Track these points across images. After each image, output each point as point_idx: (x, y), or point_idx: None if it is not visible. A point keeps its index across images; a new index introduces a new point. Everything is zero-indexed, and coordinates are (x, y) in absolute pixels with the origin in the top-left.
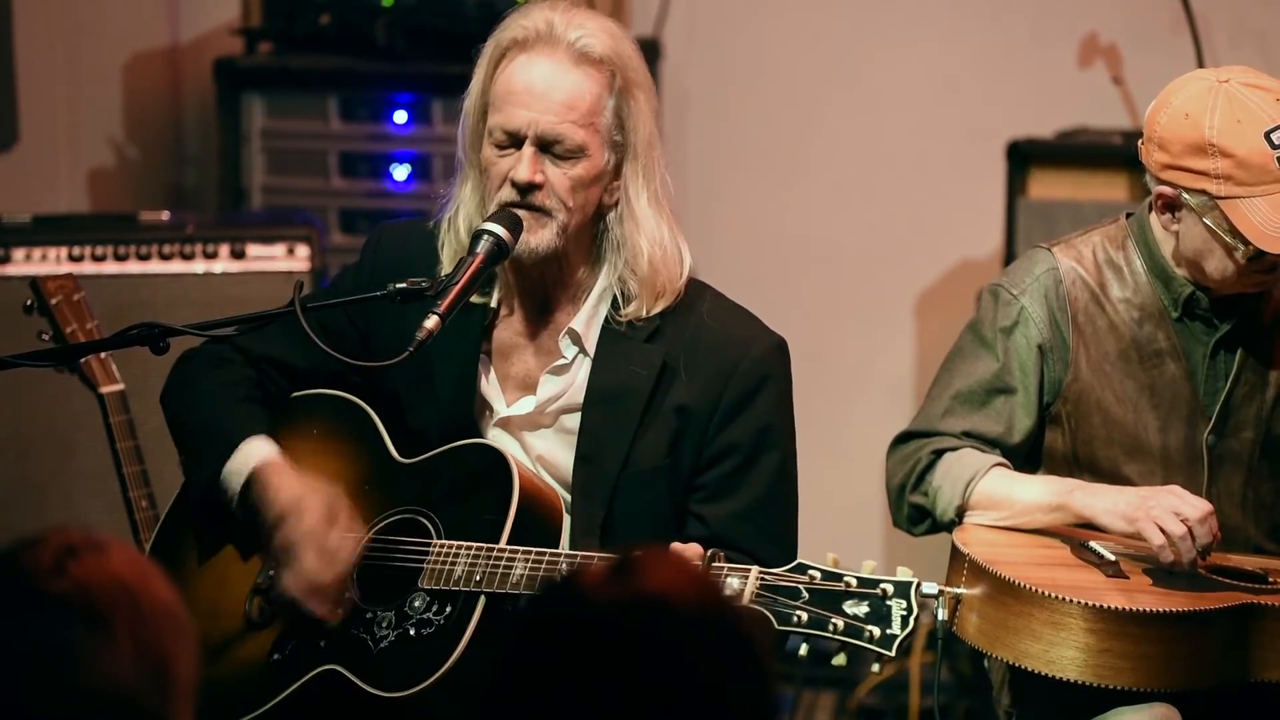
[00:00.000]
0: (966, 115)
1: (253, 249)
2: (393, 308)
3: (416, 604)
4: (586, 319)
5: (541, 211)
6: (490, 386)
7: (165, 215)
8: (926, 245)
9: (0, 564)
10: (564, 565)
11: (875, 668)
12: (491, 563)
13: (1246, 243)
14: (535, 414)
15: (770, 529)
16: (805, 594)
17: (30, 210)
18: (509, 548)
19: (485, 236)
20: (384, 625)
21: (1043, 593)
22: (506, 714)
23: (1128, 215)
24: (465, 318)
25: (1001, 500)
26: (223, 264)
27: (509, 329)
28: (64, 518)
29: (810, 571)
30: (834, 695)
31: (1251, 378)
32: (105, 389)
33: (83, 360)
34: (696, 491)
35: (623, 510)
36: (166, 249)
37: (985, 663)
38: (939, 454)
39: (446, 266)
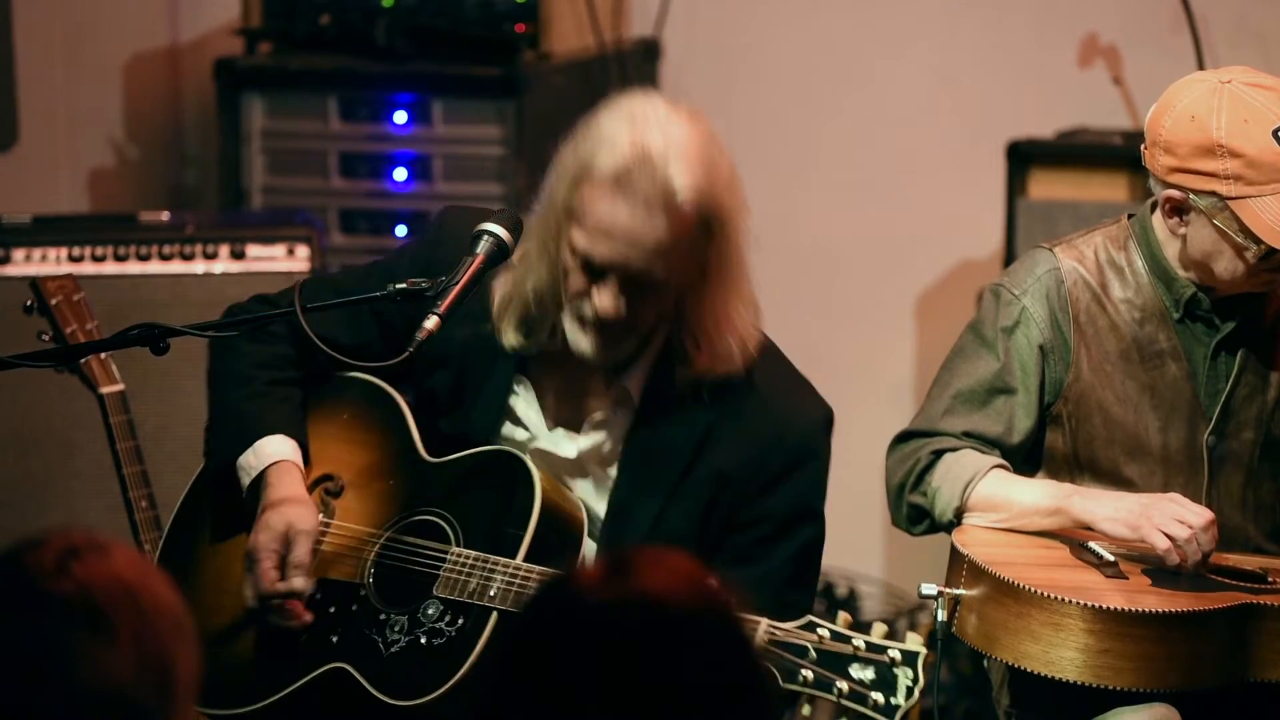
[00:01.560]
0: (966, 115)
1: (253, 249)
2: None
3: (430, 611)
4: (639, 375)
5: (623, 331)
6: (530, 410)
7: (165, 215)
8: (926, 245)
9: (2, 565)
10: None
11: None
12: (506, 579)
13: (1259, 242)
14: (575, 460)
15: (785, 600)
16: (813, 653)
17: (30, 210)
18: (525, 565)
19: (486, 237)
20: (396, 629)
21: (1042, 593)
22: (504, 714)
23: (1129, 216)
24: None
25: (1000, 503)
26: (223, 264)
27: (555, 361)
28: (64, 518)
29: (819, 630)
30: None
31: (1252, 379)
32: (105, 389)
33: (83, 360)
34: (721, 551)
35: None
36: (166, 249)
37: (985, 663)
38: (939, 454)
39: (507, 330)
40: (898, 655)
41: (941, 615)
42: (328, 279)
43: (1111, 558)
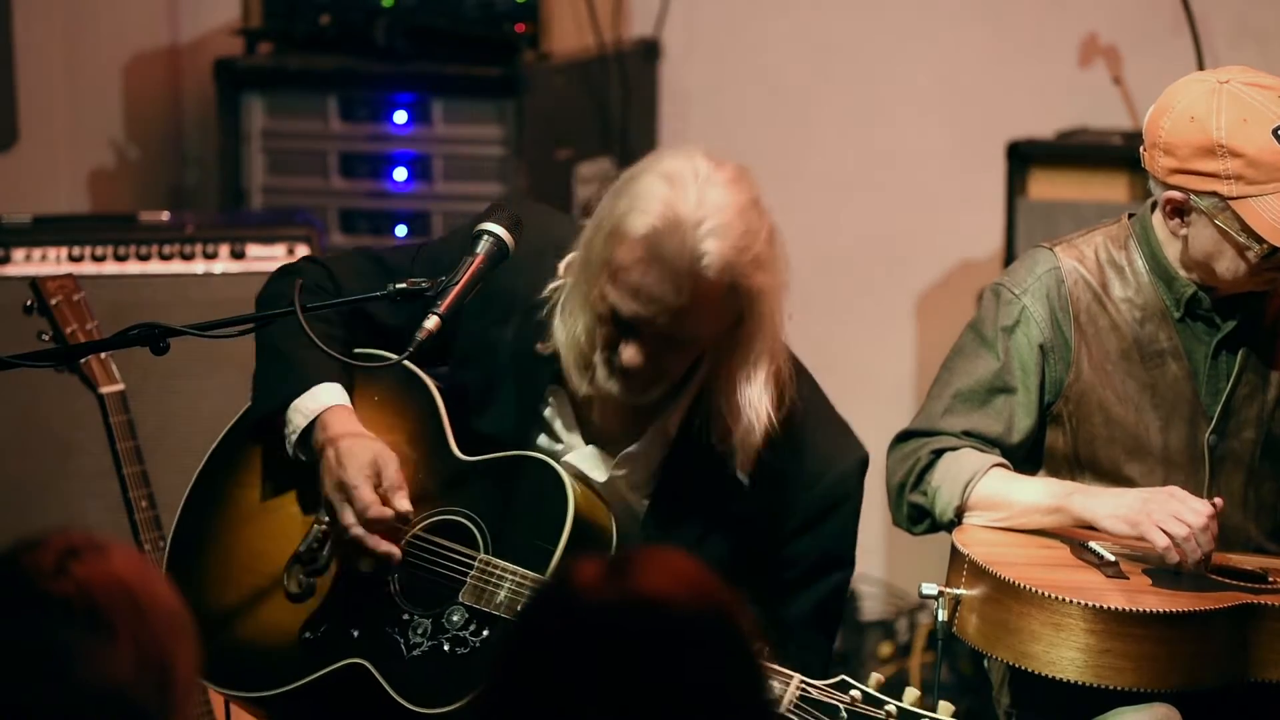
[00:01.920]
0: (966, 115)
1: (253, 249)
2: (475, 304)
3: (455, 618)
4: (678, 412)
5: (646, 381)
6: (563, 422)
7: (165, 215)
8: (926, 245)
9: (1, 565)
10: None
11: None
12: None
13: (1261, 241)
14: (606, 483)
15: (811, 640)
16: (844, 713)
17: (30, 210)
18: None
19: (486, 237)
20: (419, 632)
21: (1043, 593)
22: (503, 714)
23: (1130, 215)
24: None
25: (1000, 502)
26: (223, 264)
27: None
28: (64, 518)
29: (852, 691)
30: None
31: (1253, 378)
32: (105, 389)
33: (83, 360)
34: (748, 588)
35: None
36: (166, 249)
37: (985, 663)
38: (939, 453)
39: (573, 374)
40: None
41: (942, 615)
42: (372, 254)
43: (1112, 557)
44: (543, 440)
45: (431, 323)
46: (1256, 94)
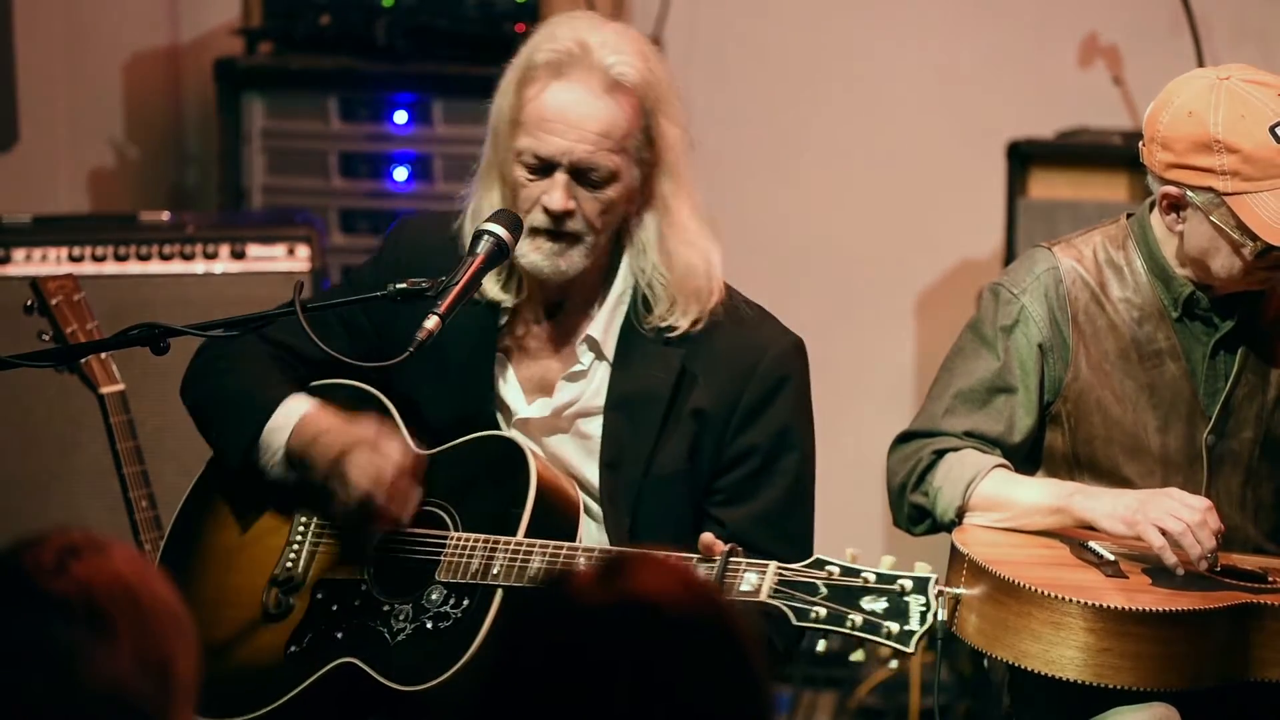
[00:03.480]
0: (966, 115)
1: (253, 249)
2: (406, 305)
3: (434, 597)
4: (605, 324)
5: (573, 237)
6: (509, 388)
7: (165, 215)
8: (926, 245)
9: (1, 564)
10: (581, 559)
11: (893, 664)
12: (509, 556)
13: (1255, 238)
14: (551, 418)
15: (788, 531)
16: (823, 589)
17: (30, 210)
18: (526, 540)
19: (485, 237)
20: (401, 618)
21: (1042, 592)
22: (498, 717)
23: (1128, 215)
24: (482, 317)
25: (1001, 502)
26: (223, 264)
27: (526, 330)
28: (64, 518)
29: (828, 567)
30: (834, 695)
31: (1252, 378)
32: (105, 389)
33: (83, 360)
34: (714, 494)
35: (646, 516)
36: (166, 249)
37: (985, 663)
38: (940, 454)
39: (489, 285)
40: (908, 584)
41: (941, 615)
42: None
43: (1112, 557)
44: (498, 412)
45: (432, 323)
46: (1256, 91)
